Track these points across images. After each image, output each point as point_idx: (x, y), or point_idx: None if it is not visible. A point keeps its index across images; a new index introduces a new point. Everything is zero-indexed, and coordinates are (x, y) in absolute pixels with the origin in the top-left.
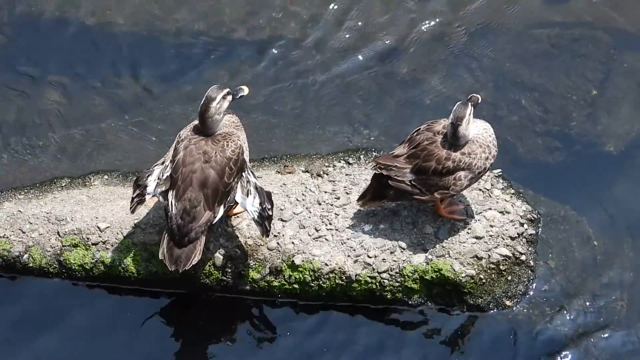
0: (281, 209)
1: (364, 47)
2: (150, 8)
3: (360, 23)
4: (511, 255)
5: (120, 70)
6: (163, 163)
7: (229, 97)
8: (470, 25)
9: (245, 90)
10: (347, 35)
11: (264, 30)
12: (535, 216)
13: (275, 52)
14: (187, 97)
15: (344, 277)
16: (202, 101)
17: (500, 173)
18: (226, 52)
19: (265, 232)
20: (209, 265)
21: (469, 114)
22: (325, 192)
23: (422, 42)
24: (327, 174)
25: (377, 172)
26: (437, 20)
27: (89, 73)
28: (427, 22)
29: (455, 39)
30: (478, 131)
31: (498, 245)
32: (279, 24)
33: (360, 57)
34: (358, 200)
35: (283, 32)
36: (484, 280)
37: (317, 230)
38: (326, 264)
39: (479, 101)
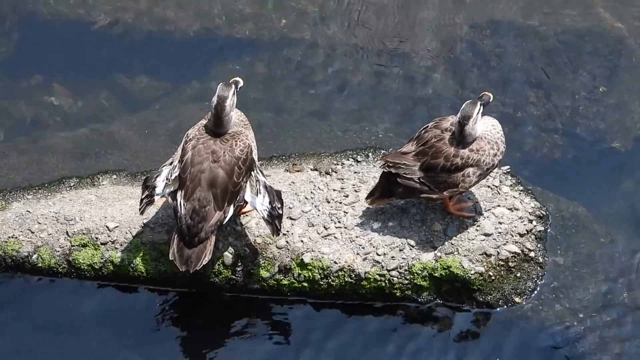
0: (290, 208)
1: (371, 45)
2: (157, 8)
3: (367, 22)
4: (520, 252)
5: (128, 69)
6: (171, 163)
7: (236, 92)
8: (477, 22)
9: (241, 81)
10: (355, 34)
11: (273, 29)
12: (543, 213)
13: (284, 50)
14: (195, 97)
15: (353, 275)
16: (216, 101)
17: (509, 170)
18: (234, 51)
19: (276, 231)
20: (218, 264)
21: (477, 113)
22: (334, 190)
23: (429, 40)
24: (336, 172)
25: (385, 170)
26: (444, 18)
27: (96, 73)
28: (434, 20)
29: (463, 36)
30: (486, 128)
31: (507, 242)
32: (288, 22)
33: (368, 55)
34: (366, 198)
35: (291, 30)
36: (493, 277)
37: (326, 229)
38: (335, 262)
39: (490, 100)
